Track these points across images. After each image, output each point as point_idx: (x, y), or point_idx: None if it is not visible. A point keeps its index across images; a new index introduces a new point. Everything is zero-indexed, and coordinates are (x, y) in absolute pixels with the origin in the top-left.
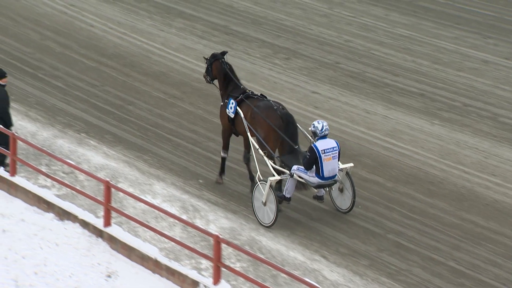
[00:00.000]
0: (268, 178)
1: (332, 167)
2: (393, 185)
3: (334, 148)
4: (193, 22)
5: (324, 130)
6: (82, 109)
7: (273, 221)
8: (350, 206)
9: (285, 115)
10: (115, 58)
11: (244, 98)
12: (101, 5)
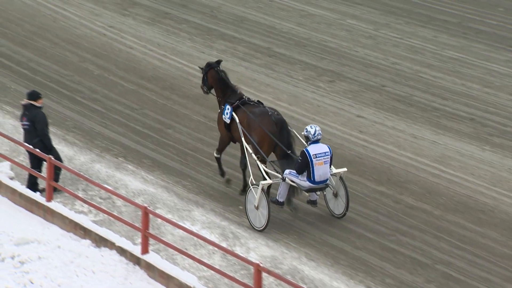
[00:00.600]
0: (260, 182)
1: (323, 172)
2: (441, 213)
3: (326, 153)
4: (235, 44)
5: (316, 134)
6: (120, 132)
7: (265, 225)
8: (344, 211)
9: (279, 121)
10: (155, 80)
11: (240, 104)
12: (140, 26)
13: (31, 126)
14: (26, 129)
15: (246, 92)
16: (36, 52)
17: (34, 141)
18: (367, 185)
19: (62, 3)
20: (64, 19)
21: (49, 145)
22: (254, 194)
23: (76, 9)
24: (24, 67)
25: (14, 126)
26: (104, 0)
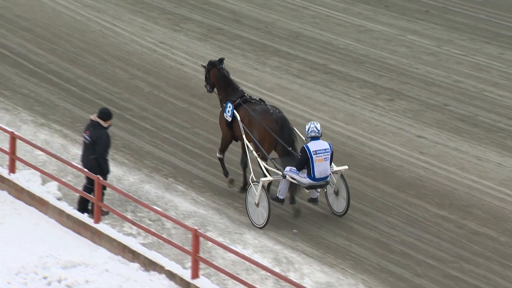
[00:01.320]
0: (260, 179)
1: (323, 168)
2: (507, 240)
3: (327, 149)
4: (289, 61)
5: (310, 131)
6: (171, 152)
7: (265, 222)
8: (345, 209)
9: (280, 118)
10: (206, 98)
11: (242, 102)
12: (192, 42)
13: (91, 144)
14: (86, 143)
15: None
16: (85, 69)
17: (90, 157)
18: (428, 209)
19: (112, 19)
20: (114, 35)
21: (106, 169)
22: (255, 191)
23: (127, 24)
24: (73, 84)
25: (62, 145)
26: (155, 16)
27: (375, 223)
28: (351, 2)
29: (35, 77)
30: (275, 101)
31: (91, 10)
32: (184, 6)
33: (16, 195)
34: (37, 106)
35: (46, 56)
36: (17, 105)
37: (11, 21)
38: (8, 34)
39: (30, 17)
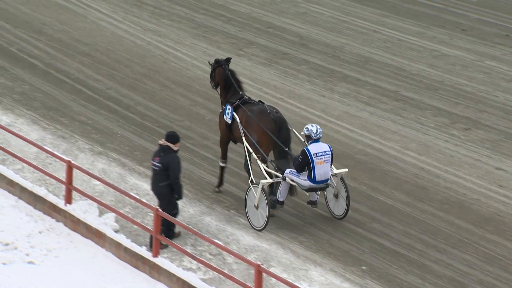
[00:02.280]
0: (260, 181)
1: (324, 171)
2: None
3: (327, 152)
4: (359, 87)
5: (318, 133)
6: (232, 182)
7: (264, 225)
8: (344, 212)
9: (278, 119)
10: None
11: (241, 103)
12: (256, 67)
13: (162, 169)
14: (156, 170)
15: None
16: (145, 95)
17: (161, 184)
18: (507, 246)
19: (174, 43)
20: (175, 60)
21: (179, 193)
22: (254, 194)
23: (189, 49)
24: (132, 111)
25: (120, 174)
26: (218, 40)
27: (451, 260)
28: (425, 25)
29: (94, 103)
30: (343, 129)
31: (152, 34)
32: (248, 30)
33: (72, 227)
34: (94, 134)
35: (105, 82)
36: (75, 132)
37: (69, 45)
38: (66, 59)
39: (90, 41)
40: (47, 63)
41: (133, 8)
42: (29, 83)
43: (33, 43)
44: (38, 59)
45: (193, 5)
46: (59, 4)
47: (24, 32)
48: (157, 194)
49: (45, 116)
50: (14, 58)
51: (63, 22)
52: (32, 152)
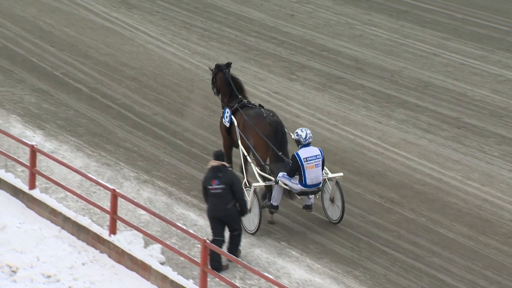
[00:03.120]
0: (252, 184)
1: (315, 175)
2: None
3: (317, 156)
4: (418, 113)
5: (307, 138)
6: (283, 213)
7: (257, 228)
8: (339, 216)
9: (273, 123)
10: (324, 153)
11: (239, 107)
12: (309, 92)
13: (226, 189)
14: (219, 193)
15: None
16: (193, 121)
17: (228, 206)
18: None
19: None
20: None
21: (246, 209)
22: (247, 197)
23: (239, 73)
24: (179, 138)
25: (167, 204)
26: (270, 63)
27: None
28: (489, 49)
29: (139, 130)
30: (400, 158)
31: (201, 57)
32: (301, 53)
33: (117, 258)
34: (140, 161)
35: (151, 107)
36: (120, 160)
37: (116, 69)
38: (112, 83)
39: (137, 65)
40: (92, 88)
41: (181, 31)
42: (73, 108)
43: (79, 67)
44: (83, 83)
45: (244, 27)
46: (105, 26)
47: (69, 56)
48: (226, 217)
49: (90, 142)
50: (59, 82)
51: (110, 45)
52: (75, 180)
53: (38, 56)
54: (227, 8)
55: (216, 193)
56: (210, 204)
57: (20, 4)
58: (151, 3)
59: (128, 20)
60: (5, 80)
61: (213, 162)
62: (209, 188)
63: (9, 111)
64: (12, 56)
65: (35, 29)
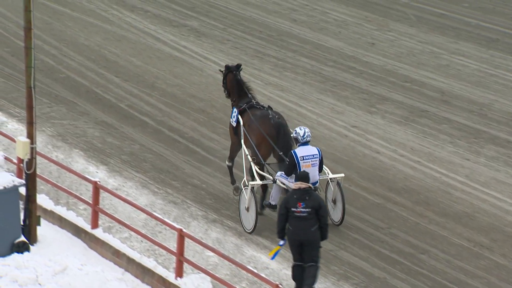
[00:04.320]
0: (249, 182)
1: (311, 175)
2: None
3: (315, 155)
4: (509, 150)
5: (305, 136)
6: (362, 257)
7: (254, 227)
8: (340, 218)
9: (277, 124)
10: (406, 193)
11: (247, 108)
12: (390, 126)
13: (312, 213)
14: (304, 216)
15: None
16: None
17: (313, 229)
18: None
19: (298, 99)
20: (299, 117)
21: (326, 234)
22: (246, 196)
23: (314, 105)
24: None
25: (236, 245)
26: (348, 95)
27: None
28: None
29: (208, 165)
30: (490, 198)
31: (273, 88)
32: (382, 84)
33: None
34: (209, 199)
35: (221, 142)
36: (187, 197)
37: (183, 101)
38: (180, 116)
39: (205, 97)
40: (158, 121)
41: (253, 60)
42: (139, 142)
43: (145, 98)
44: (150, 116)
45: (320, 56)
46: (173, 56)
47: (135, 87)
48: (308, 241)
49: (156, 179)
50: (124, 115)
51: (178, 76)
52: (140, 219)
53: (102, 87)
54: (303, 36)
55: (300, 216)
56: (293, 227)
57: (85, 32)
58: (222, 31)
59: (197, 49)
60: (68, 113)
61: (300, 184)
62: (294, 211)
63: (71, 145)
64: (75, 87)
65: (99, 59)
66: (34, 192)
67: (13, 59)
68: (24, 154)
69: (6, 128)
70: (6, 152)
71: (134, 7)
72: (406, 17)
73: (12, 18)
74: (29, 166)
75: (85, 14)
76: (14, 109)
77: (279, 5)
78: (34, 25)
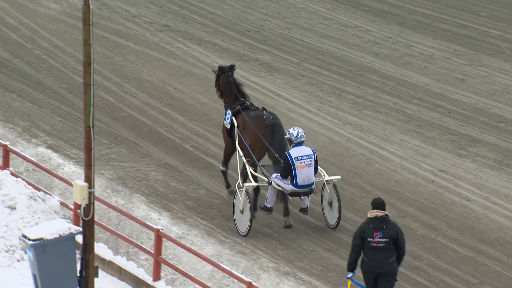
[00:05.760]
0: (244, 184)
1: (306, 175)
2: None
3: (309, 155)
4: None
5: (299, 137)
6: None
7: (248, 230)
8: (336, 221)
9: (272, 124)
10: (500, 245)
11: (241, 109)
12: (482, 171)
13: (390, 243)
14: (381, 247)
15: None
16: (343, 202)
17: (391, 259)
18: None
19: (379, 140)
20: (380, 160)
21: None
22: (240, 198)
23: (397, 147)
24: (326, 223)
25: None
26: (434, 136)
27: None
28: None
29: (280, 213)
30: None
31: (352, 128)
32: (473, 125)
33: None
34: (281, 249)
35: None
36: (257, 247)
37: None
38: None
39: None
40: None
41: (330, 97)
42: (204, 187)
43: (211, 139)
44: (216, 158)
45: (404, 93)
46: None
47: (201, 126)
48: (386, 273)
49: (223, 226)
50: (189, 157)
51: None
52: (206, 271)
53: (166, 127)
54: (385, 71)
55: (377, 246)
56: (369, 258)
57: (148, 67)
58: (296, 65)
59: (269, 85)
60: (129, 154)
61: (377, 212)
62: (370, 241)
63: (132, 189)
64: (137, 127)
65: (163, 96)
66: (92, 240)
67: (71, 96)
68: (82, 199)
69: (63, 171)
70: (62, 197)
71: (201, 40)
72: (500, 51)
73: (71, 52)
74: (87, 212)
75: (149, 48)
76: (71, 150)
77: (359, 37)
78: (94, 60)
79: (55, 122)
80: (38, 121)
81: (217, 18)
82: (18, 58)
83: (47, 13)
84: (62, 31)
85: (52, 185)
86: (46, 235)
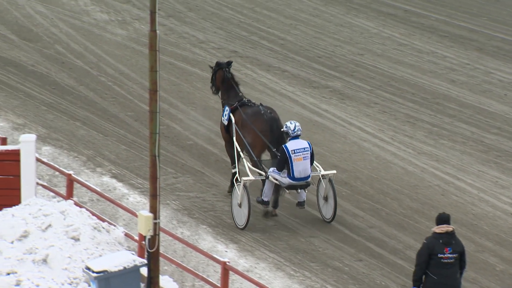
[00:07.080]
0: (242, 178)
1: (303, 168)
2: None
3: (306, 148)
4: None
5: (296, 130)
6: None
7: (246, 223)
8: (332, 215)
9: (270, 119)
10: None
11: (239, 105)
12: None
13: (457, 258)
14: (451, 263)
15: None
16: (417, 236)
17: (458, 276)
18: None
19: (455, 170)
20: (457, 191)
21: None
22: (238, 192)
23: (475, 178)
24: (400, 257)
25: None
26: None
27: None
28: None
29: (351, 245)
30: None
31: (427, 158)
32: None
33: None
34: (352, 284)
35: (366, 219)
36: (327, 282)
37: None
38: None
39: (349, 167)
40: (294, 194)
41: (404, 126)
42: (272, 218)
43: None
44: None
45: (482, 122)
46: (313, 120)
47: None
48: None
49: (292, 260)
50: (256, 187)
51: (318, 143)
52: None
53: None
54: (462, 99)
55: (447, 262)
56: (438, 276)
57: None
58: (369, 93)
59: (340, 113)
60: (195, 184)
61: (447, 227)
62: (440, 257)
63: (198, 220)
64: (203, 156)
65: None
66: (157, 273)
67: (136, 124)
68: (147, 230)
69: (127, 201)
70: (127, 228)
71: (270, 66)
72: None
73: (136, 79)
74: (152, 244)
75: None
76: (136, 179)
77: (435, 64)
78: (160, 87)
79: (120, 151)
80: (103, 149)
81: (287, 44)
82: (83, 85)
83: (113, 39)
84: (128, 57)
85: (116, 216)
86: (110, 267)
